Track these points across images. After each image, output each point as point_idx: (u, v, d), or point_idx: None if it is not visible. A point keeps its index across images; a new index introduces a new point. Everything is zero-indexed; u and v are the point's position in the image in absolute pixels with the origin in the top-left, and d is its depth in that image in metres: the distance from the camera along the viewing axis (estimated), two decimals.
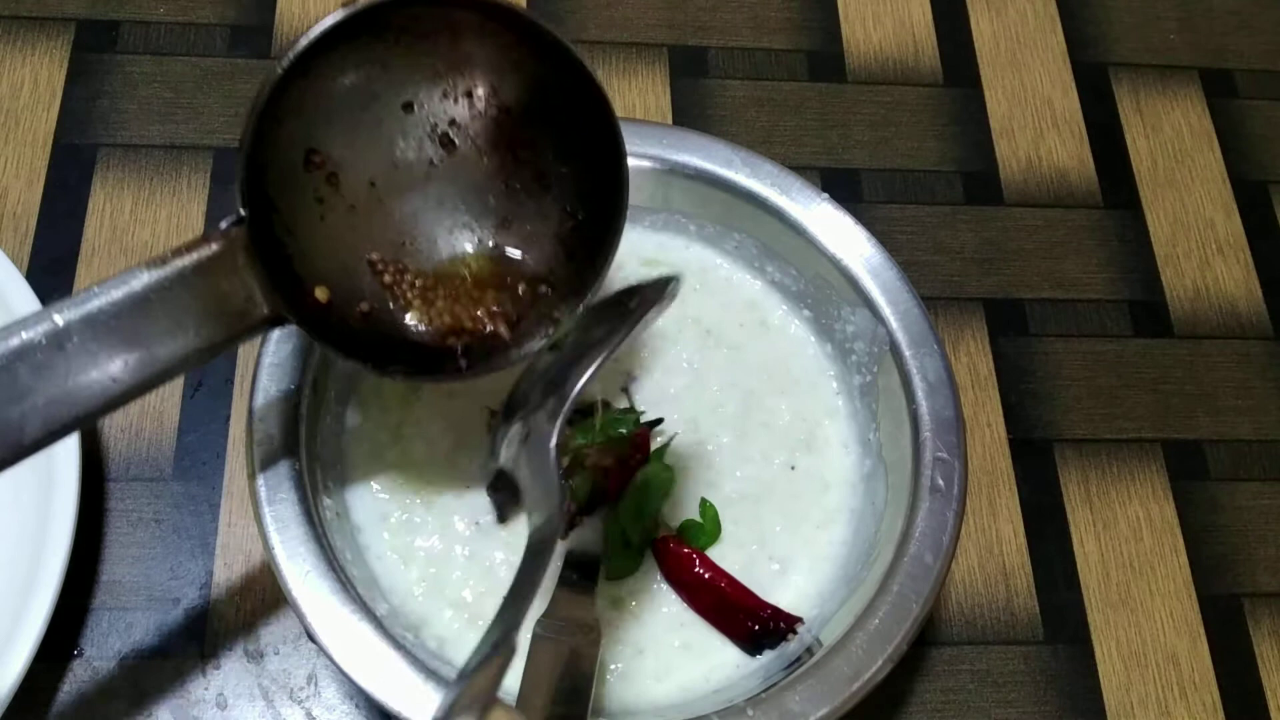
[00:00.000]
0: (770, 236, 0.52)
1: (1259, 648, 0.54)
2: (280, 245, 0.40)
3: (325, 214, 0.42)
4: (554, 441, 0.38)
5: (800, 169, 0.54)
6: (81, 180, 0.59)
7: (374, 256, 0.43)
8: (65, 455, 0.48)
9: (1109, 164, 0.67)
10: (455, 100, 0.43)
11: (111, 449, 0.53)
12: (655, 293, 0.40)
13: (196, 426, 0.54)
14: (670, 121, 0.65)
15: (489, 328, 0.44)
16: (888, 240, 0.51)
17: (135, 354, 0.36)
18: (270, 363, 0.45)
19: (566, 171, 0.44)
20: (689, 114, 0.65)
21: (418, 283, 0.44)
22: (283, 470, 0.43)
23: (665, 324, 0.53)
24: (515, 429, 0.42)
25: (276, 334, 0.46)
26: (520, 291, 0.45)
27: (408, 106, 0.42)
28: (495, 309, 0.44)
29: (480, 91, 0.43)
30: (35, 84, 0.61)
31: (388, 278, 0.43)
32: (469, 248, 0.45)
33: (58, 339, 0.35)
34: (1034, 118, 0.68)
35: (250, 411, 0.44)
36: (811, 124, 0.66)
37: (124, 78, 0.62)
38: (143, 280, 0.36)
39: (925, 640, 0.53)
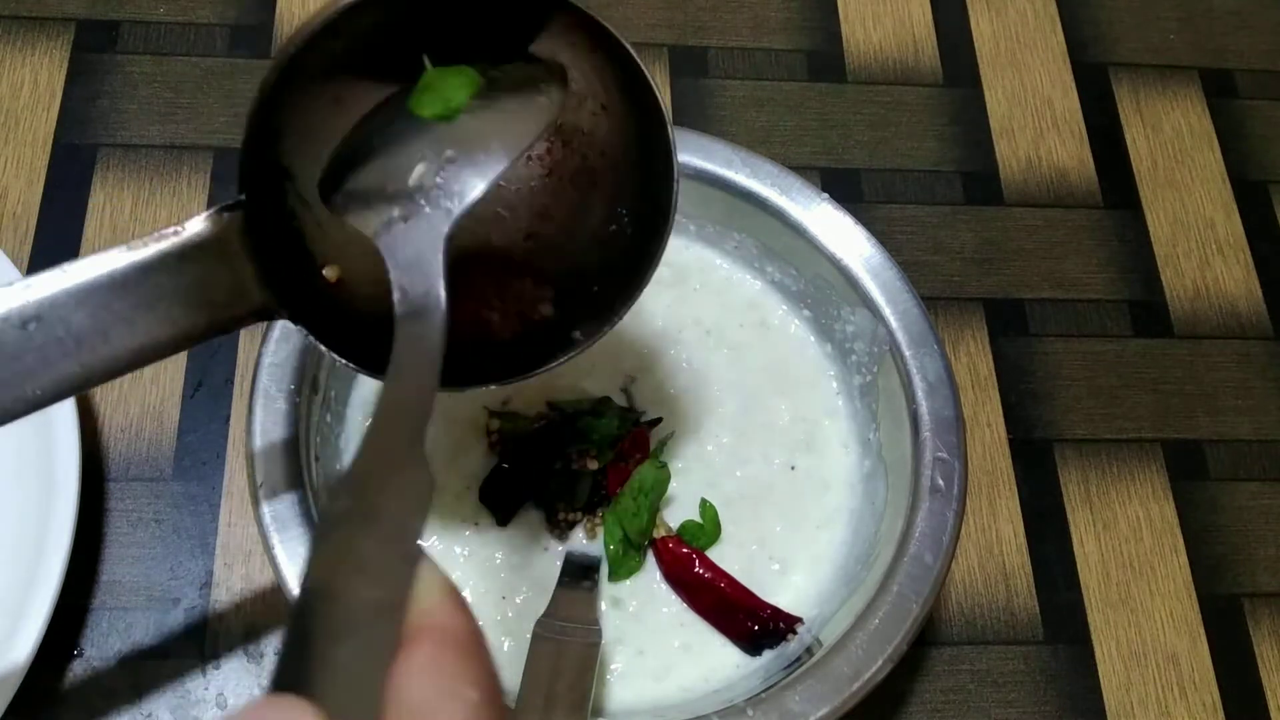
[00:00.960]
0: (770, 236, 0.52)
1: (1259, 648, 0.54)
2: (292, 217, 0.38)
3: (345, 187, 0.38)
4: (441, 249, 0.35)
5: (800, 169, 0.54)
6: (81, 180, 0.59)
7: None
8: (65, 455, 0.48)
9: (1109, 164, 0.67)
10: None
11: (111, 449, 0.53)
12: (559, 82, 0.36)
13: (196, 426, 0.54)
14: (670, 121, 0.65)
15: (502, 330, 0.41)
16: (888, 240, 0.51)
17: (107, 339, 0.34)
18: (270, 363, 0.45)
19: (620, 170, 0.40)
20: (689, 114, 0.65)
21: None
22: (283, 470, 0.43)
23: (665, 324, 0.53)
24: (391, 210, 0.36)
25: (276, 334, 0.46)
26: (542, 296, 0.41)
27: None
28: (514, 310, 0.41)
29: None
30: (35, 84, 0.61)
31: None
32: (502, 232, 0.41)
33: (21, 318, 0.33)
34: (1034, 118, 0.68)
35: (250, 411, 0.44)
36: (811, 124, 0.66)
37: (124, 78, 0.62)
38: (121, 261, 0.34)
39: (925, 640, 0.53)
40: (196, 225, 0.35)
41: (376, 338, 0.38)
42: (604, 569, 0.47)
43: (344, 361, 0.39)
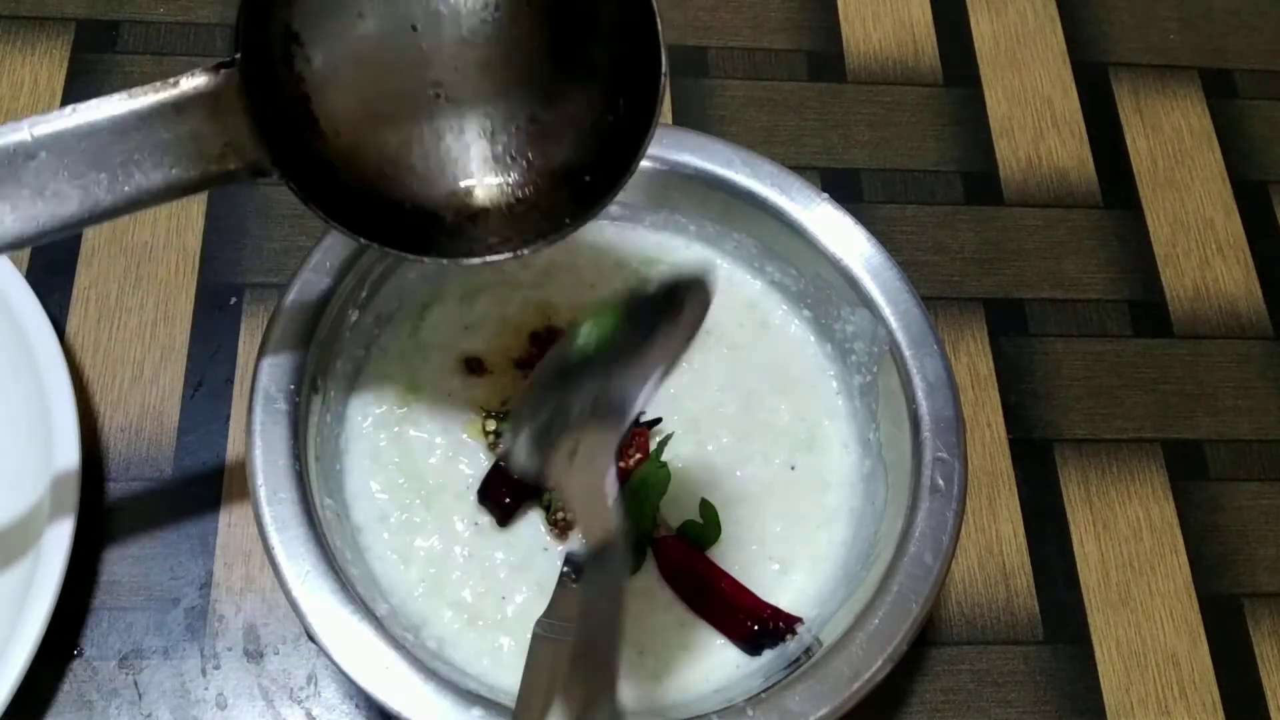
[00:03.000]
0: (770, 236, 0.52)
1: (1259, 648, 0.54)
2: (299, 81, 0.39)
3: (354, 54, 0.40)
4: (611, 473, 0.35)
5: (800, 169, 0.54)
6: None
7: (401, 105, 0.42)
8: (65, 455, 0.48)
9: (1109, 164, 0.67)
10: None
11: (111, 449, 0.53)
12: (703, 297, 0.37)
13: (196, 426, 0.54)
14: (670, 121, 0.65)
15: (500, 207, 0.42)
16: (888, 240, 0.51)
17: (107, 177, 0.37)
18: (270, 363, 0.45)
19: (617, 57, 0.41)
20: (689, 114, 0.65)
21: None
22: (283, 470, 0.43)
23: None
24: (565, 445, 0.37)
25: (276, 334, 0.46)
26: (540, 177, 0.43)
27: None
28: (514, 191, 0.43)
29: None
30: (35, 84, 0.61)
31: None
32: (508, 117, 0.43)
33: (27, 151, 0.36)
34: (1034, 118, 0.68)
35: (250, 411, 0.44)
36: (811, 124, 0.66)
37: (124, 78, 0.62)
38: (122, 107, 0.37)
39: (925, 640, 0.53)
40: (193, 78, 0.37)
41: (362, 207, 0.41)
42: None
43: (334, 224, 0.40)
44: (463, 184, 0.43)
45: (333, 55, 0.40)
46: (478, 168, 0.43)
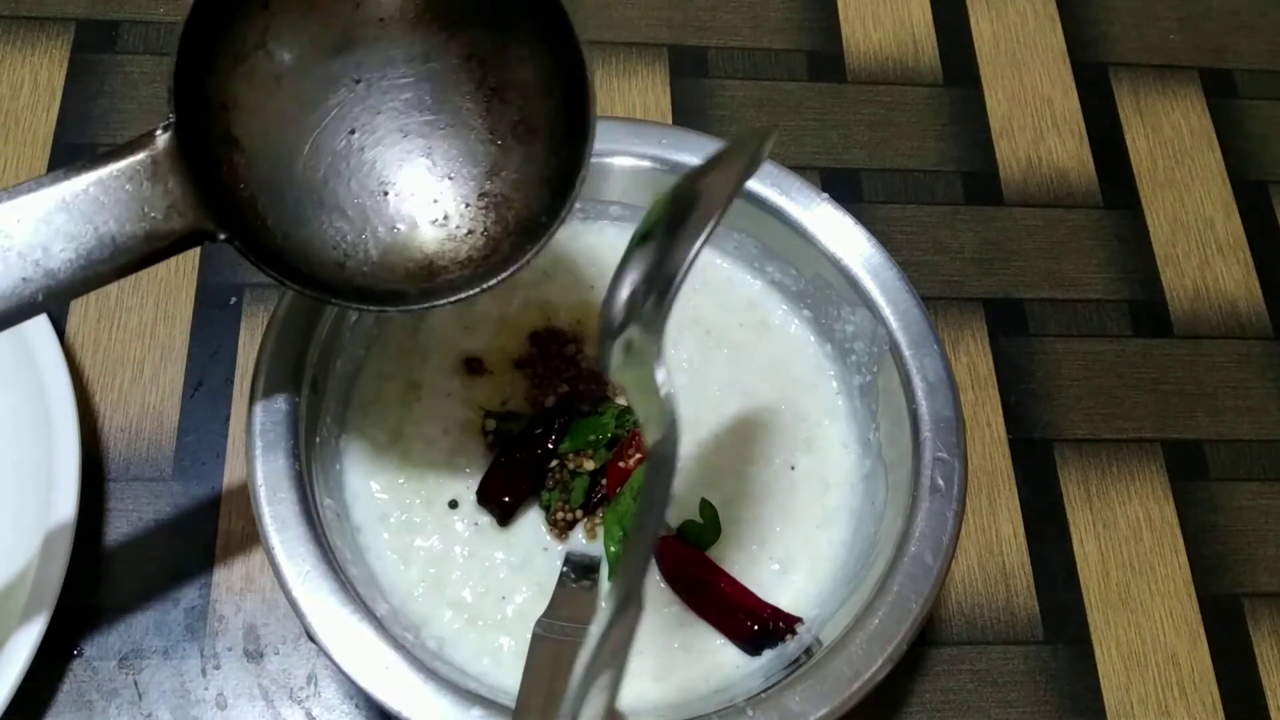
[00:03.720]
0: (770, 236, 0.52)
1: (1259, 648, 0.54)
2: (242, 183, 0.39)
3: (298, 160, 0.41)
4: (659, 359, 0.33)
5: (800, 169, 0.54)
6: None
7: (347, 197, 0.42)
8: (65, 455, 0.48)
9: (1109, 164, 0.67)
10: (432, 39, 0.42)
11: (111, 449, 0.53)
12: (754, 152, 0.36)
13: (196, 426, 0.54)
14: (670, 121, 0.65)
15: (462, 273, 0.43)
16: (888, 240, 0.51)
17: (49, 253, 0.36)
18: (270, 362, 0.45)
19: (552, 109, 0.42)
20: (689, 114, 0.65)
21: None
22: (283, 470, 0.43)
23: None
24: (619, 341, 0.36)
25: (276, 334, 0.46)
26: (496, 240, 0.43)
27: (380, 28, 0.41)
28: (473, 255, 0.43)
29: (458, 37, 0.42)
30: (35, 84, 0.61)
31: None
32: (458, 199, 0.44)
33: None
34: (1034, 118, 0.68)
35: (250, 411, 0.44)
36: (811, 124, 0.66)
37: (124, 78, 0.62)
38: (60, 179, 0.36)
39: (925, 640, 0.53)
40: (131, 144, 0.37)
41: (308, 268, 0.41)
42: (604, 569, 0.47)
43: (291, 285, 0.40)
44: (421, 265, 0.43)
45: (275, 160, 0.40)
46: (435, 249, 0.43)
